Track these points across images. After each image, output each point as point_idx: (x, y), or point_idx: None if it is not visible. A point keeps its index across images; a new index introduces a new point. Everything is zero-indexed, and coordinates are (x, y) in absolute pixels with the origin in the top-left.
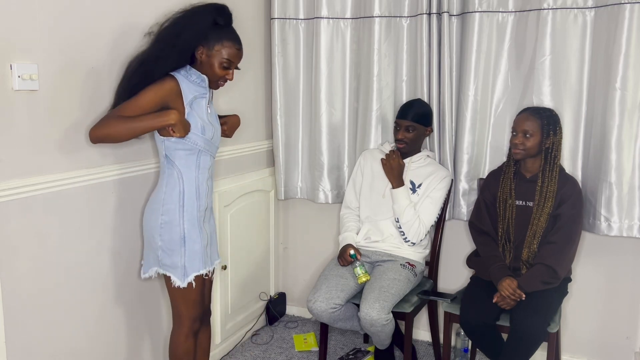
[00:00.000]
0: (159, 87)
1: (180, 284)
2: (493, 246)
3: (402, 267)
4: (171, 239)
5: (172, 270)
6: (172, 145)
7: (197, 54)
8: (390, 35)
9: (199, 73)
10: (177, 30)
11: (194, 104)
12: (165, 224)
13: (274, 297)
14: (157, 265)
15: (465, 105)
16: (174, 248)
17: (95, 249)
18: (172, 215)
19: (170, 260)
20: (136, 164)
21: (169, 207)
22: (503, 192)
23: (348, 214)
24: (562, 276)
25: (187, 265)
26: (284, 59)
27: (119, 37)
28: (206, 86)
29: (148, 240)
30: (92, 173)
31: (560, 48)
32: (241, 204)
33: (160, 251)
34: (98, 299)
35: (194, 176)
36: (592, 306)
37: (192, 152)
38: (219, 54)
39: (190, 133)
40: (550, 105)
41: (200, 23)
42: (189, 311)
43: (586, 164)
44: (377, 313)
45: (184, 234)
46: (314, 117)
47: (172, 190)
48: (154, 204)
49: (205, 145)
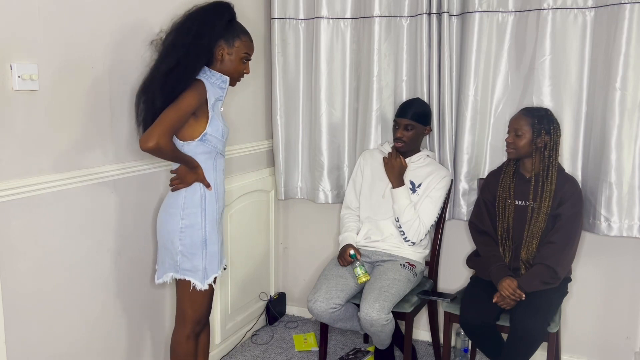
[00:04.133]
0: (196, 93)
1: (202, 286)
2: (493, 246)
3: (402, 267)
4: (192, 243)
5: (192, 274)
6: (192, 150)
7: (217, 53)
8: (390, 35)
9: (220, 74)
10: (196, 31)
11: (215, 107)
12: (186, 227)
13: (274, 297)
14: (174, 271)
15: (465, 105)
16: (195, 252)
17: (96, 248)
18: (194, 219)
19: (190, 264)
20: (136, 164)
21: (191, 211)
22: (503, 192)
23: (348, 214)
24: (562, 276)
25: (208, 268)
26: (284, 59)
27: (121, 38)
28: (226, 87)
29: (165, 245)
30: (92, 173)
31: (560, 48)
32: (241, 204)
33: (179, 256)
34: (98, 299)
35: (212, 178)
36: (592, 306)
37: (211, 155)
38: (240, 50)
39: (212, 137)
40: (550, 106)
41: (216, 22)
42: (196, 313)
43: (586, 164)
44: (377, 313)
45: (205, 236)
46: (314, 117)
47: (193, 194)
48: (172, 208)
49: (222, 147)
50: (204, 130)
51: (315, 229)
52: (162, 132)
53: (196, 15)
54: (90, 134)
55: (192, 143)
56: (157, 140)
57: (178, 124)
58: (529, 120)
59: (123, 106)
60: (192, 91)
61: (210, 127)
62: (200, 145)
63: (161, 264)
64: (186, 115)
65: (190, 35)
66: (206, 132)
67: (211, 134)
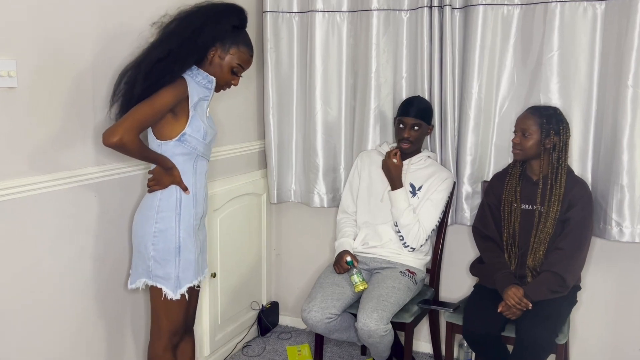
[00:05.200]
0: (174, 90)
1: (173, 296)
2: (498, 252)
3: (402, 274)
4: (165, 248)
5: (164, 282)
6: (170, 150)
7: (210, 53)
8: (389, 30)
9: (206, 74)
10: (198, 26)
11: (197, 107)
12: (159, 232)
13: (266, 306)
14: (147, 277)
15: (469, 104)
16: (168, 258)
17: (77, 255)
18: (168, 224)
19: (163, 271)
20: (119, 165)
21: (165, 215)
22: (508, 195)
23: (345, 219)
24: (570, 284)
25: (181, 276)
26: (277, 55)
27: (104, 34)
28: (212, 88)
29: (138, 250)
30: (74, 175)
31: (569, 43)
32: (231, 208)
33: (152, 261)
34: (79, 307)
35: (191, 182)
36: (602, 316)
37: (190, 157)
38: (233, 58)
39: (191, 137)
40: (559, 104)
41: (223, 22)
42: (171, 324)
43: (596, 166)
44: (375, 323)
45: (179, 243)
46: (309, 116)
47: (169, 197)
48: (147, 211)
49: (204, 150)
50: (183, 130)
51: (310, 234)
52: (128, 128)
53: (205, 10)
54: (71, 134)
55: (169, 143)
56: (121, 135)
57: (149, 122)
58: (537, 119)
59: (107, 105)
60: (170, 88)
61: (190, 127)
62: (178, 145)
63: (134, 269)
64: (159, 113)
65: (190, 29)
66: (185, 132)
67: (191, 135)
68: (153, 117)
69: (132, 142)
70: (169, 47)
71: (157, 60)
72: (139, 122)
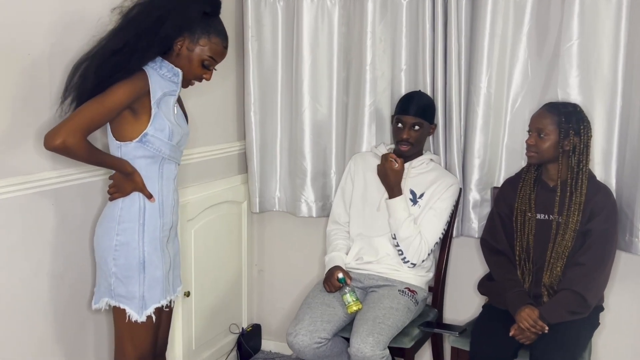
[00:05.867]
0: (130, 85)
1: (138, 317)
2: (509, 268)
3: (401, 293)
4: (128, 264)
5: (127, 302)
6: (130, 152)
7: (176, 44)
8: (386, 16)
9: (172, 66)
10: (160, 15)
11: (162, 103)
12: (121, 245)
13: (246, 329)
14: (109, 296)
15: (477, 100)
16: (131, 275)
17: (33, 271)
18: (130, 236)
19: (125, 290)
20: (80, 169)
21: (127, 226)
22: (521, 204)
23: (336, 230)
24: (592, 304)
25: (146, 295)
26: (259, 44)
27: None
28: (179, 82)
29: (100, 265)
30: (28, 180)
31: (590, 31)
32: (207, 218)
33: (113, 278)
34: (35, 329)
35: (156, 188)
36: (628, 340)
37: (155, 160)
38: (203, 50)
39: (154, 138)
40: (578, 100)
41: (190, 10)
42: (137, 350)
43: (621, 170)
44: (370, 349)
45: (143, 258)
46: (295, 113)
47: (131, 205)
48: (107, 222)
49: (171, 152)
50: (144, 130)
51: (297, 247)
52: (73, 129)
53: None
54: (25, 134)
55: (129, 145)
56: (64, 138)
57: (98, 122)
58: (555, 118)
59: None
60: (125, 84)
61: (152, 126)
62: (139, 147)
63: (97, 287)
64: (111, 111)
65: (153, 17)
66: (147, 132)
67: (153, 135)
68: (104, 117)
69: (77, 145)
70: (125, 37)
71: (112, 52)
72: (85, 123)
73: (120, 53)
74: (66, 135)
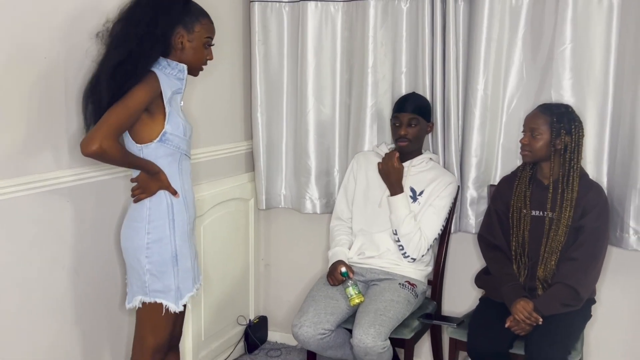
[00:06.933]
0: (146, 86)
1: (176, 308)
2: (505, 263)
3: (401, 286)
4: (162, 260)
5: (163, 296)
6: (152, 153)
7: (175, 40)
8: (387, 21)
9: (176, 63)
10: (149, 19)
11: (172, 102)
12: (153, 243)
13: (253, 321)
14: (142, 294)
15: (474, 101)
16: (166, 270)
17: (49, 266)
18: (162, 232)
19: (161, 285)
20: (95, 168)
21: (157, 224)
22: (517, 201)
23: (339, 226)
24: (584, 297)
25: (181, 287)
26: (266, 48)
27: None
28: (184, 77)
29: (131, 265)
30: (44, 179)
31: (583, 35)
32: (216, 215)
33: (148, 275)
34: (53, 324)
35: (179, 184)
36: (619, 332)
37: (175, 157)
38: (201, 34)
39: (172, 136)
40: (571, 102)
41: (171, 5)
42: (156, 340)
43: (612, 169)
44: (372, 340)
45: (175, 251)
46: (300, 114)
47: (159, 204)
48: (136, 223)
49: (187, 147)
50: (163, 129)
51: (301, 243)
52: (106, 134)
53: (147, 1)
54: (41, 134)
55: (150, 146)
56: (99, 143)
57: (125, 124)
58: (547, 118)
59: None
60: (142, 85)
61: (169, 124)
62: (160, 146)
63: (130, 287)
64: (135, 113)
65: (143, 24)
66: (165, 130)
67: (172, 133)
68: (129, 118)
69: (112, 148)
70: (127, 48)
71: (117, 64)
72: (115, 126)
73: (127, 62)
74: (101, 140)
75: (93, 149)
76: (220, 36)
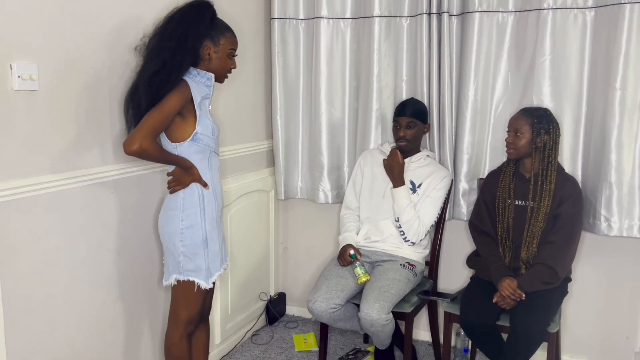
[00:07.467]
0: (179, 93)
1: (206, 285)
2: (493, 246)
3: (402, 267)
4: (194, 243)
5: (195, 275)
6: (185, 150)
7: (203, 52)
8: (390, 35)
9: (204, 72)
10: (179, 34)
11: (202, 106)
12: (186, 228)
13: (274, 297)
14: (177, 272)
15: (465, 105)
16: (197, 251)
17: (95, 249)
18: (194, 219)
19: (193, 264)
20: (135, 164)
21: (190, 212)
22: (502, 192)
23: (348, 214)
24: (562, 276)
25: (211, 267)
26: (284, 59)
27: (119, 36)
28: (212, 84)
29: (167, 248)
30: (91, 173)
31: (560, 48)
32: (241, 204)
33: (182, 257)
34: (98, 299)
35: (209, 178)
36: (592, 306)
37: (205, 154)
38: (225, 46)
39: (202, 135)
40: (550, 106)
41: (199, 22)
42: (189, 314)
43: (586, 164)
44: (377, 313)
45: (205, 236)
46: (314, 117)
47: (191, 195)
48: (171, 211)
49: (215, 145)
50: (194, 130)
51: (315, 229)
52: (145, 135)
53: (178, 18)
54: (89, 135)
55: (184, 144)
56: (140, 143)
57: (161, 126)
58: (528, 119)
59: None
60: (175, 92)
61: (199, 125)
62: (192, 145)
63: (166, 267)
64: (169, 116)
65: (175, 38)
66: (197, 131)
67: (202, 133)
68: (164, 121)
69: (151, 147)
70: (161, 59)
71: (153, 74)
72: (152, 128)
73: (161, 72)
74: (141, 141)
75: (134, 149)
76: (244, 49)
